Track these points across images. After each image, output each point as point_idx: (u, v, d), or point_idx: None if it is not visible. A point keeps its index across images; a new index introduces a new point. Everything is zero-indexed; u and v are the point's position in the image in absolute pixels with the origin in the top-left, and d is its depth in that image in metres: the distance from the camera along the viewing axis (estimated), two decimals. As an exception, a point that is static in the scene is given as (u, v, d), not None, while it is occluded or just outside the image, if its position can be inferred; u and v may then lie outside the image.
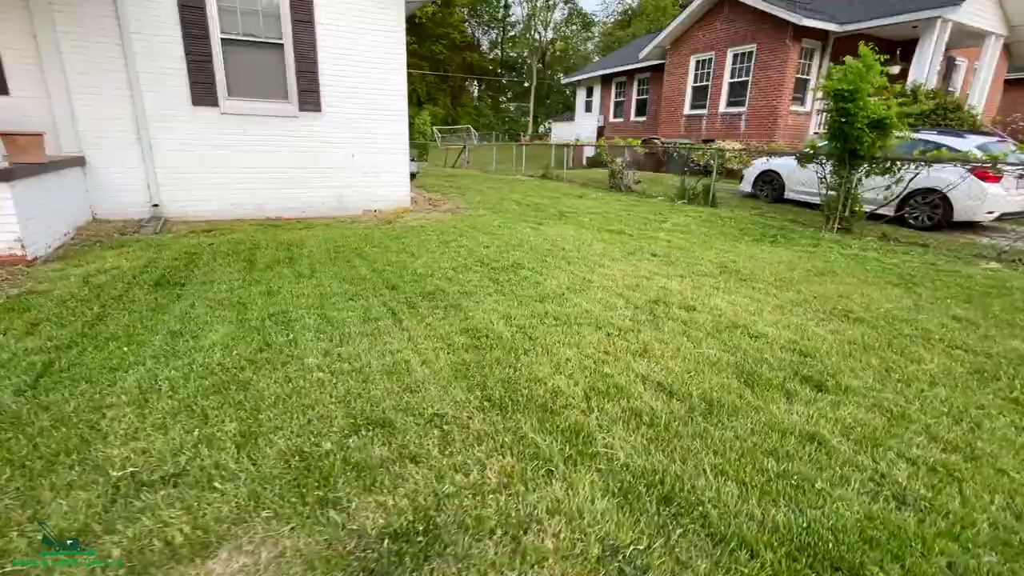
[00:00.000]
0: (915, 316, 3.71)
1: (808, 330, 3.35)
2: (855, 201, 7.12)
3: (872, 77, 6.42)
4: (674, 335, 3.16)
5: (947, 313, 3.81)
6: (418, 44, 46.07)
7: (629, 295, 3.94)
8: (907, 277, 4.86)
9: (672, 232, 6.83)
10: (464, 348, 2.84)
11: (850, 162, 6.89)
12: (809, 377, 2.66)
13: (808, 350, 3.00)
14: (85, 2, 5.49)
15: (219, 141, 6.46)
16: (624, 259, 5.17)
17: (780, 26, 12.91)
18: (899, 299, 4.15)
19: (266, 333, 2.95)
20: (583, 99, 23.76)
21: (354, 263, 4.63)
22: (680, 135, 16.30)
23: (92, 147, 5.87)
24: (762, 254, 5.67)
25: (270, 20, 6.46)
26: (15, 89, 5.48)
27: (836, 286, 4.46)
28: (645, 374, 2.62)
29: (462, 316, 3.34)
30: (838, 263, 5.36)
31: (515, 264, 4.76)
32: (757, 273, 4.80)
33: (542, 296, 3.82)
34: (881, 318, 3.65)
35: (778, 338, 3.18)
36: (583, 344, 2.96)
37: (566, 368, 2.64)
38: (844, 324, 3.51)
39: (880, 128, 6.54)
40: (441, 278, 4.23)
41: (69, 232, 5.26)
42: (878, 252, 6.04)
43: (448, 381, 2.46)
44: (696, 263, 5.11)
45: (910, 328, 3.47)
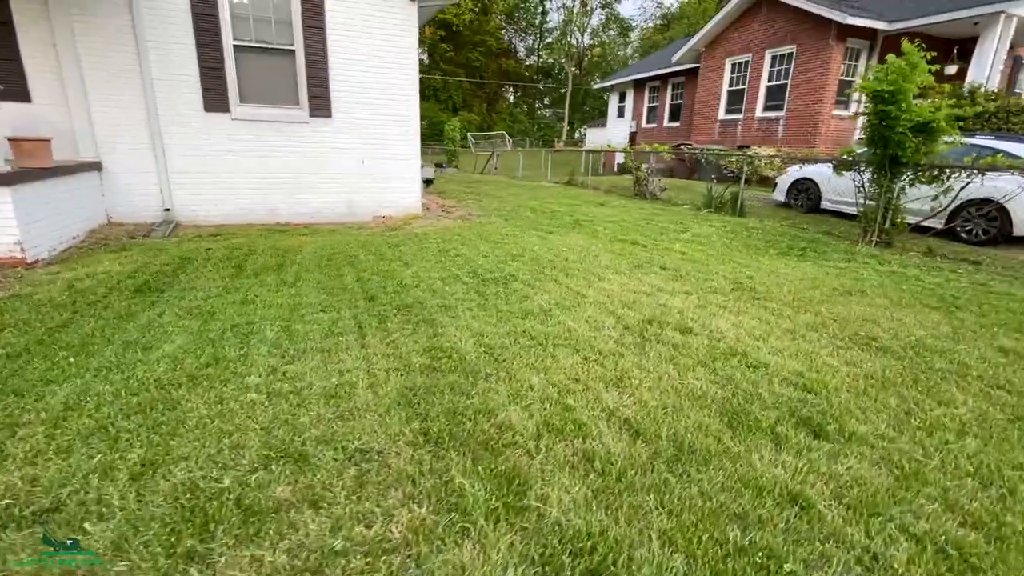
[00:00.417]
0: (952, 346, 3.23)
1: (819, 360, 2.95)
2: (897, 212, 6.50)
3: (917, 77, 5.84)
4: (659, 362, 2.83)
5: (992, 344, 3.30)
6: (454, 52, 46.80)
7: (622, 313, 3.62)
8: (950, 299, 4.31)
9: (689, 244, 6.42)
10: (420, 370, 2.61)
11: (891, 169, 6.29)
12: (807, 419, 2.29)
13: (813, 385, 2.61)
14: (103, 12, 5.64)
15: (230, 146, 6.53)
16: (629, 272, 4.84)
17: (822, 25, 12.17)
18: (936, 325, 3.65)
19: (220, 346, 2.82)
20: (615, 104, 23.29)
21: (342, 271, 4.50)
22: (714, 141, 15.64)
23: (108, 152, 6.02)
24: (784, 269, 5.21)
25: (282, 26, 6.49)
26: (36, 97, 5.68)
27: (863, 308, 3.98)
28: (613, 408, 2.31)
29: (431, 333, 3.12)
30: (870, 281, 4.84)
31: (509, 276, 4.51)
32: (774, 291, 4.37)
33: (525, 312, 3.55)
34: (910, 348, 3.19)
35: (780, 369, 2.80)
36: (553, 370, 2.68)
37: (525, 398, 2.37)
38: (864, 354, 3.08)
39: (926, 132, 5.93)
40: (425, 289, 4.03)
41: (79, 235, 5.38)
42: (920, 269, 5.45)
43: (389, 409, 2.24)
44: (707, 278, 4.72)
45: (943, 361, 3.00)
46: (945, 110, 5.90)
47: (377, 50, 6.97)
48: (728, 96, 15.30)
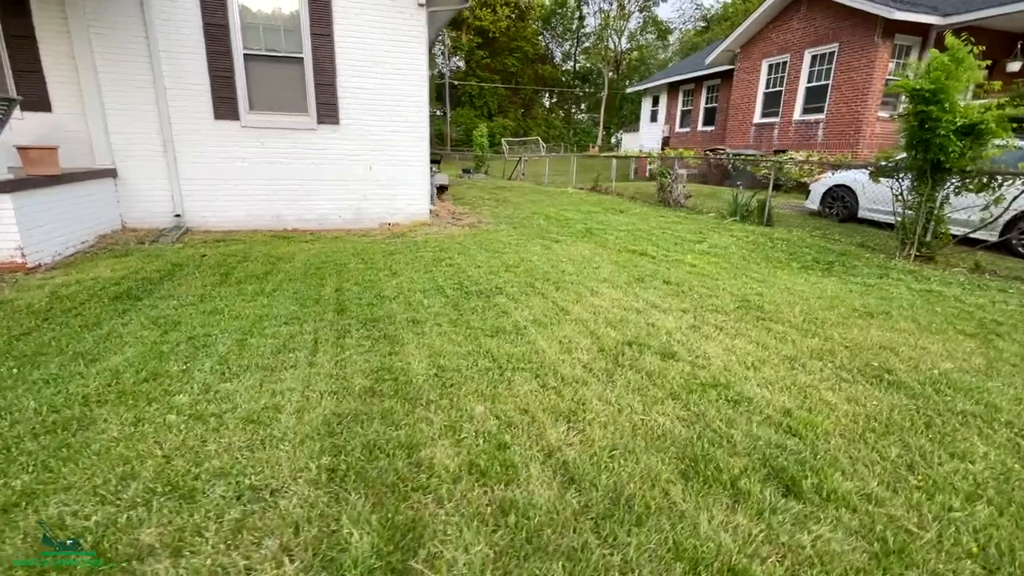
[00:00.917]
0: (983, 383, 2.77)
1: (814, 396, 2.58)
2: (940, 223, 5.87)
3: (963, 74, 5.26)
4: (626, 392, 2.54)
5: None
6: (491, 58, 47.06)
7: (603, 333, 3.34)
8: (991, 324, 3.78)
9: (703, 255, 6.01)
10: (358, 394, 2.43)
11: (933, 176, 5.69)
12: (781, 470, 1.96)
13: (800, 427, 2.26)
14: (118, 24, 5.82)
15: (239, 153, 6.62)
16: (627, 286, 4.52)
17: (867, 21, 11.38)
18: (967, 356, 3.17)
19: (166, 360, 2.73)
20: (648, 109, 22.70)
21: (325, 280, 4.40)
22: (749, 145, 14.92)
23: (123, 159, 6.20)
24: (802, 286, 4.75)
25: (291, 35, 6.54)
26: (57, 106, 5.91)
27: (883, 333, 3.54)
28: (554, 448, 2.05)
29: (387, 351, 2.94)
30: (900, 301, 4.34)
31: (495, 288, 4.29)
32: (784, 310, 3.96)
33: (497, 330, 3.32)
34: (930, 383, 2.76)
35: (765, 405, 2.46)
36: (503, 398, 2.44)
37: (459, 432, 2.14)
38: (872, 389, 2.68)
39: (973, 135, 5.33)
40: (402, 302, 3.87)
41: (89, 240, 5.54)
42: (962, 288, 4.86)
43: (307, 438, 2.06)
44: (712, 294, 4.35)
45: (968, 401, 2.57)
46: (995, 111, 5.28)
47: (386, 56, 6.93)
48: (764, 98, 14.56)
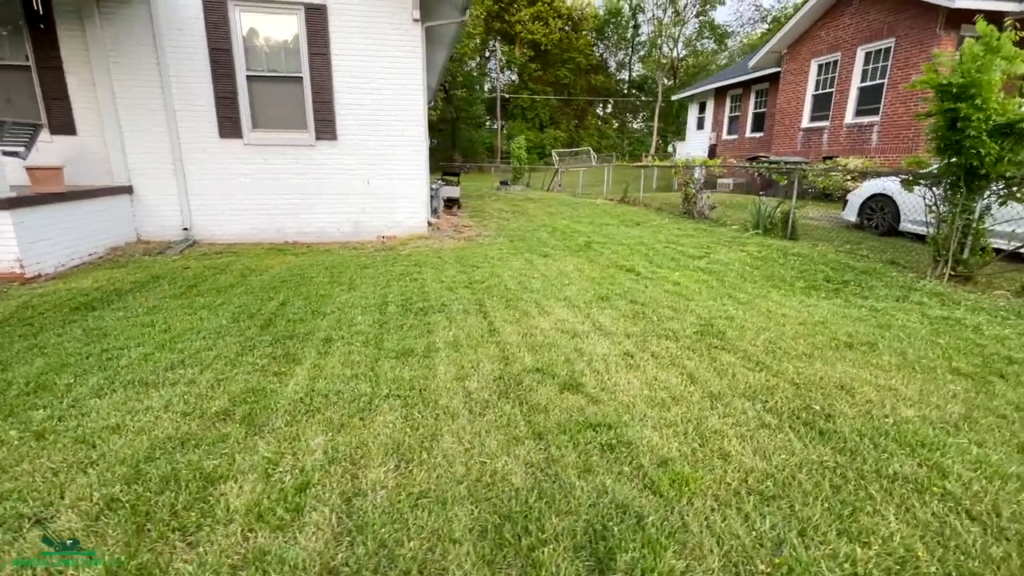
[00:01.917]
0: (942, 439, 2.26)
1: (715, 443, 2.21)
2: (979, 238, 5.05)
3: (1000, 64, 4.52)
4: (490, 429, 2.29)
5: (1013, 444, 2.26)
6: (543, 71, 47.30)
7: (517, 358, 3.08)
8: (999, 363, 3.13)
9: (695, 272, 5.54)
10: (209, 416, 2.35)
11: (968, 184, 4.91)
12: (602, 539, 1.64)
13: (668, 483, 1.92)
14: (133, 52, 6.30)
15: (242, 170, 6.93)
16: (585, 306, 4.21)
17: (928, 12, 10.22)
18: (944, 401, 2.62)
19: (64, 371, 2.80)
20: (695, 116, 21.74)
21: (276, 295, 4.43)
22: (796, 152, 13.83)
23: (138, 177, 6.68)
24: (788, 309, 4.22)
25: (291, 55, 6.80)
26: (81, 130, 6.47)
27: (853, 368, 3.02)
28: (363, 490, 1.85)
29: (276, 371, 2.86)
30: (900, 329, 3.72)
31: (440, 306, 4.14)
32: (747, 338, 3.51)
33: (405, 352, 3.16)
34: (873, 435, 2.29)
35: (645, 453, 2.12)
36: (353, 428, 2.27)
37: (275, 466, 2.00)
38: (792, 438, 2.26)
39: (1014, 136, 4.55)
40: (334, 318, 3.80)
41: (97, 252, 5.98)
42: (991, 316, 4.12)
43: (121, 463, 2.00)
44: (675, 317, 3.95)
45: (909, 461, 2.09)
46: (1044, 106, 4.48)
47: (382, 72, 7.04)
48: (813, 101, 13.45)
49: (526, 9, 42.59)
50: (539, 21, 43.27)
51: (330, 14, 6.69)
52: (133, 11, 6.19)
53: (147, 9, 6.18)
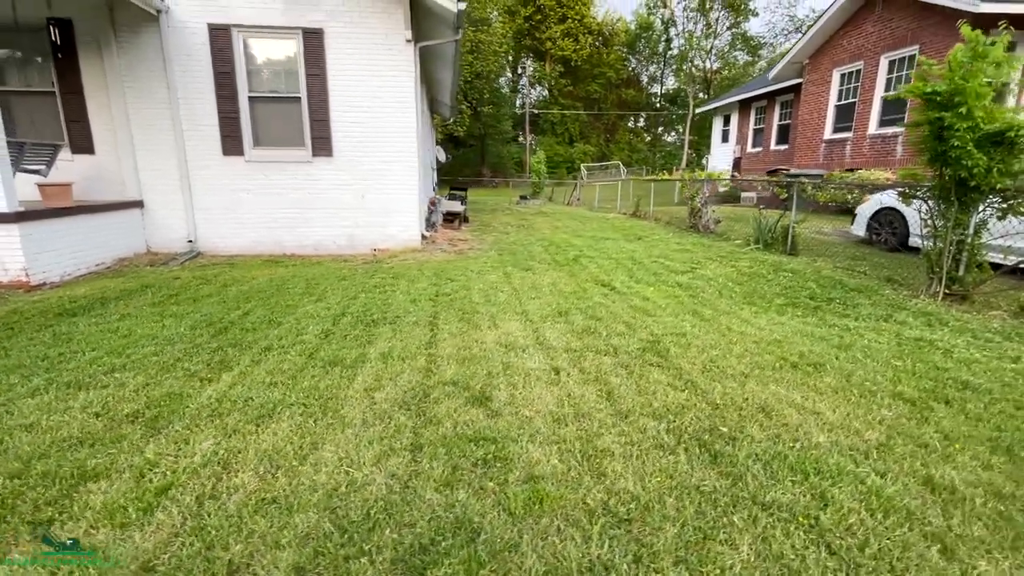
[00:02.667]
0: (842, 466, 2.12)
1: (600, 463, 2.15)
2: (974, 254, 4.72)
3: (985, 71, 4.27)
4: (371, 440, 2.31)
5: (924, 472, 2.10)
6: (573, 86, 47.53)
7: (443, 370, 3.10)
8: (954, 387, 2.91)
9: (675, 288, 5.41)
10: (116, 418, 2.47)
11: (959, 197, 4.62)
12: (423, 552, 1.63)
13: (521, 501, 1.88)
14: (145, 77, 6.78)
15: (244, 185, 7.29)
16: (539, 321, 4.19)
17: (952, 18, 9.71)
18: (869, 427, 2.46)
19: (12, 374, 3.00)
20: (719, 128, 21.30)
21: (245, 305, 4.60)
22: (818, 164, 13.32)
23: (148, 192, 7.13)
24: (751, 327, 4.06)
25: (290, 76, 7.14)
26: (98, 150, 6.98)
27: (786, 389, 2.88)
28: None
29: (205, 375, 2.98)
30: (859, 350, 3.51)
31: (394, 318, 4.21)
32: (690, 355, 3.40)
33: (336, 360, 3.23)
34: (768, 460, 2.17)
35: (521, 467, 2.09)
36: (235, 432, 2.34)
37: (120, 464, 2.08)
38: (684, 460, 2.17)
39: (1004, 145, 4.26)
40: (290, 327, 3.93)
41: (106, 262, 6.38)
42: (974, 337, 3.83)
43: (16, 459, 2.13)
44: (627, 333, 3.87)
45: (793, 490, 1.98)
46: (1037, 113, 4.19)
47: (377, 91, 7.28)
48: (836, 112, 12.95)
49: (556, 26, 43.06)
50: (569, 37, 43.64)
51: (326, 37, 7.01)
52: (146, 39, 6.67)
53: (158, 37, 6.65)
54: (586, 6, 44.38)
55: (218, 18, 6.80)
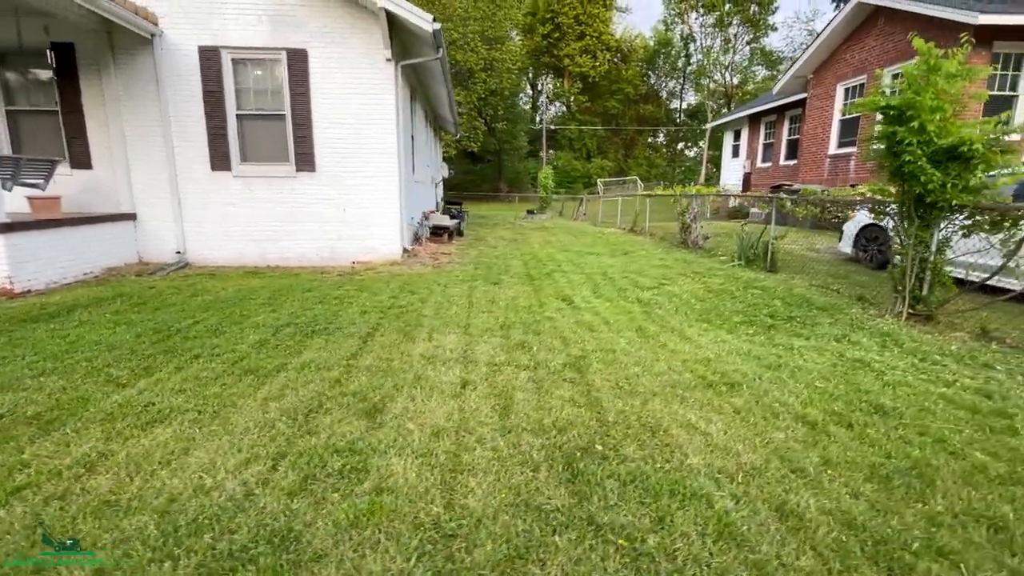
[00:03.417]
0: (701, 490, 2.06)
1: (456, 478, 2.14)
2: (938, 272, 4.53)
3: (937, 85, 4.15)
4: (240, 448, 2.35)
5: (776, 501, 2.01)
6: (591, 101, 47.78)
7: (352, 381, 3.14)
8: (863, 411, 2.79)
9: (634, 304, 5.36)
10: (16, 419, 2.59)
11: (919, 214, 4.46)
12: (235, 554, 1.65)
13: (344, 512, 1.89)
14: (139, 95, 7.15)
15: (230, 199, 7.56)
16: (478, 335, 4.20)
17: (954, 31, 9.44)
18: (752, 449, 2.38)
19: (-49, 375, 3.18)
20: (730, 144, 21.04)
21: (207, 312, 4.75)
22: (823, 180, 13.00)
23: (141, 206, 7.46)
24: (689, 345, 3.98)
25: (275, 95, 7.42)
26: (96, 165, 7.36)
27: (689, 409, 2.81)
28: None
29: (123, 381, 3.08)
30: (789, 370, 3.41)
31: (337, 328, 4.29)
32: (608, 372, 3.37)
33: (253, 369, 3.30)
34: (637, 480, 2.12)
35: (374, 479, 2.10)
36: (118, 435, 2.42)
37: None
38: (544, 477, 2.15)
39: (960, 160, 4.11)
40: (232, 336, 4.04)
41: (94, 271, 6.68)
42: (921, 359, 3.67)
43: (-95, 456, 2.25)
44: (559, 348, 3.86)
45: (644, 510, 1.93)
46: (991, 127, 4.04)
47: (360, 109, 7.50)
48: (840, 127, 12.66)
49: (575, 43, 43.49)
50: (587, 54, 43.98)
51: (310, 57, 7.27)
52: (141, 61, 7.05)
53: (152, 59, 7.01)
54: (604, 23, 44.73)
55: (208, 41, 7.14)
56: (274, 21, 7.19)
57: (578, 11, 43.01)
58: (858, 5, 11.42)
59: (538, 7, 43.26)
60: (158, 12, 6.99)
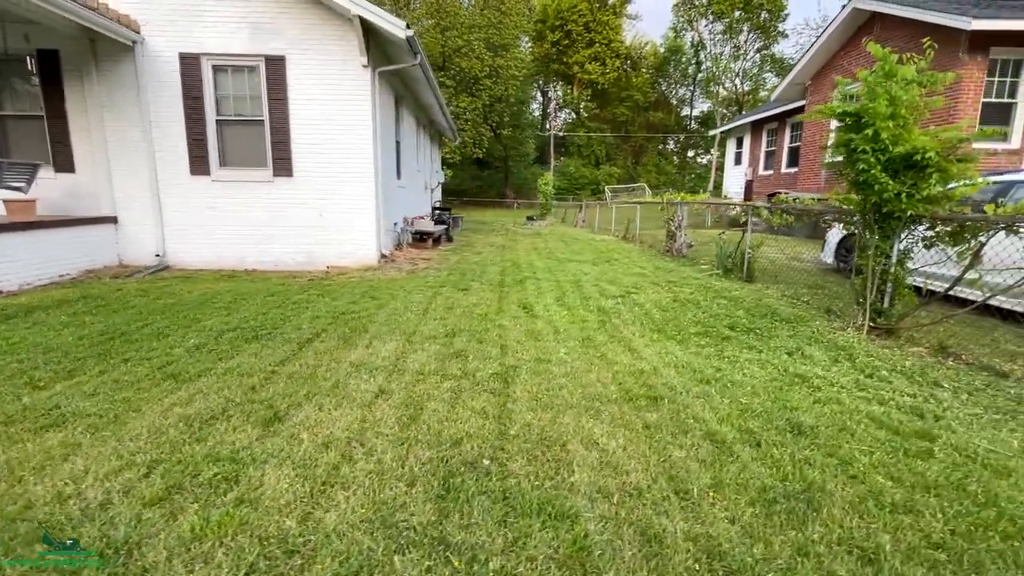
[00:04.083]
0: (578, 509, 1.97)
1: (325, 491, 2.09)
2: (899, 285, 4.37)
3: (890, 91, 4.03)
4: (123, 453, 2.33)
5: (639, 524, 1.92)
6: (600, 108, 47.78)
7: (268, 388, 3.11)
8: (778, 430, 2.67)
9: (593, 313, 5.27)
10: (-79, 421, 2.61)
11: (879, 224, 4.32)
12: (53, 572, 1.62)
13: (189, 520, 1.85)
14: (121, 102, 7.28)
15: (209, 203, 7.65)
16: (421, 342, 4.16)
17: (950, 37, 9.22)
18: (645, 468, 2.29)
19: None
20: (733, 151, 20.80)
21: (162, 315, 4.77)
22: (820, 188, 12.74)
23: (122, 209, 7.58)
24: (628, 357, 3.89)
25: (254, 101, 7.51)
26: (78, 169, 7.50)
27: (600, 423, 2.73)
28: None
29: (43, 383, 3.10)
30: (721, 383, 3.30)
31: (280, 332, 4.27)
32: (535, 382, 3.29)
33: (176, 374, 3.30)
34: (498, 496, 2.05)
35: (245, 488, 2.06)
36: (16, 441, 2.41)
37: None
38: (417, 491, 2.08)
39: (915, 169, 3.97)
40: (173, 339, 4.05)
41: (71, 273, 6.79)
42: (866, 376, 3.52)
43: None
44: (495, 358, 3.79)
45: (489, 531, 1.85)
46: (948, 133, 3.90)
47: (336, 115, 7.55)
48: (838, 134, 12.44)
49: (584, 51, 43.53)
50: (596, 61, 43.98)
51: (288, 64, 7.35)
52: (123, 67, 7.19)
53: (134, 65, 7.15)
54: (614, 31, 44.72)
55: (189, 47, 7.26)
56: (253, 28, 7.29)
57: (588, 18, 43.09)
58: (854, 11, 11.23)
59: (548, 14, 43.45)
60: (140, 20, 7.14)
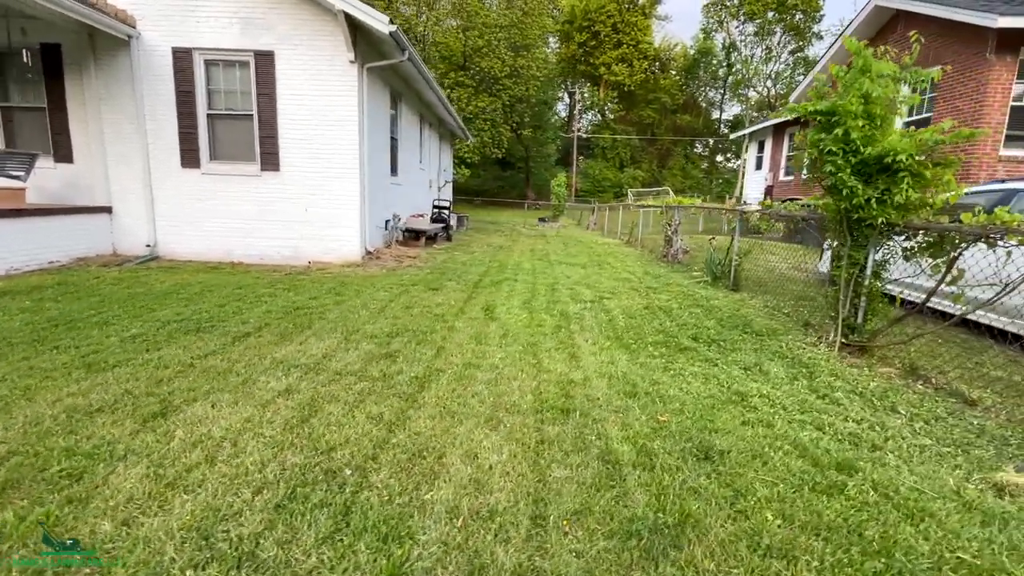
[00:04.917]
0: (418, 531, 1.82)
1: (169, 495, 1.99)
2: (873, 298, 4.02)
3: (863, 89, 3.71)
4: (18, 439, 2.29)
5: (468, 551, 1.75)
6: (627, 111, 47.09)
7: (178, 380, 3.05)
8: (684, 454, 2.44)
9: (555, 318, 5.08)
10: None
11: (851, 232, 3.99)
12: None
13: (12, 518, 1.77)
14: (117, 95, 7.46)
15: (199, 196, 7.76)
16: (359, 340, 4.06)
17: (976, 36, 8.62)
18: (514, 489, 2.11)
19: None
20: (753, 156, 20.11)
21: (120, 304, 4.82)
22: (837, 195, 12.14)
23: (117, 200, 7.77)
24: (567, 367, 3.70)
25: (243, 95, 7.59)
26: (77, 160, 7.73)
27: (493, 436, 2.56)
28: None
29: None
30: (650, 397, 3.07)
31: (223, 328, 4.24)
32: (455, 389, 3.15)
33: (96, 364, 3.28)
34: (350, 514, 1.91)
35: (101, 492, 1.98)
36: None
37: None
38: (285, 502, 1.96)
39: (888, 173, 3.64)
40: (120, 327, 4.06)
41: (59, 260, 6.98)
42: (817, 398, 3.24)
43: None
44: (427, 361, 3.66)
45: (316, 551, 1.71)
46: (925, 135, 3.56)
47: (324, 110, 7.55)
48: (857, 139, 11.81)
49: (611, 52, 42.96)
50: (624, 63, 43.34)
51: (276, 59, 7.40)
52: (119, 61, 7.37)
53: (129, 59, 7.32)
54: (643, 32, 43.98)
55: (182, 42, 7.39)
56: (244, 23, 7.36)
57: (616, 19, 42.49)
58: (876, 10, 10.65)
59: (575, 15, 43.06)
60: (137, 15, 7.30)
